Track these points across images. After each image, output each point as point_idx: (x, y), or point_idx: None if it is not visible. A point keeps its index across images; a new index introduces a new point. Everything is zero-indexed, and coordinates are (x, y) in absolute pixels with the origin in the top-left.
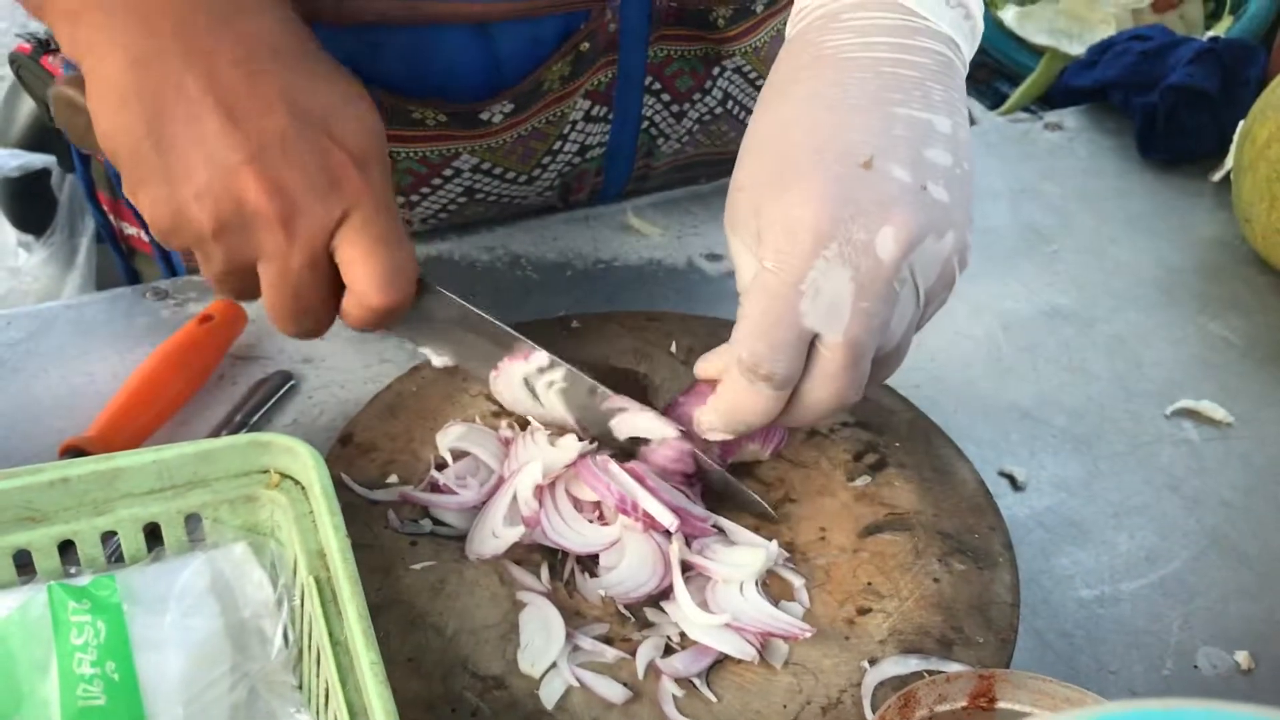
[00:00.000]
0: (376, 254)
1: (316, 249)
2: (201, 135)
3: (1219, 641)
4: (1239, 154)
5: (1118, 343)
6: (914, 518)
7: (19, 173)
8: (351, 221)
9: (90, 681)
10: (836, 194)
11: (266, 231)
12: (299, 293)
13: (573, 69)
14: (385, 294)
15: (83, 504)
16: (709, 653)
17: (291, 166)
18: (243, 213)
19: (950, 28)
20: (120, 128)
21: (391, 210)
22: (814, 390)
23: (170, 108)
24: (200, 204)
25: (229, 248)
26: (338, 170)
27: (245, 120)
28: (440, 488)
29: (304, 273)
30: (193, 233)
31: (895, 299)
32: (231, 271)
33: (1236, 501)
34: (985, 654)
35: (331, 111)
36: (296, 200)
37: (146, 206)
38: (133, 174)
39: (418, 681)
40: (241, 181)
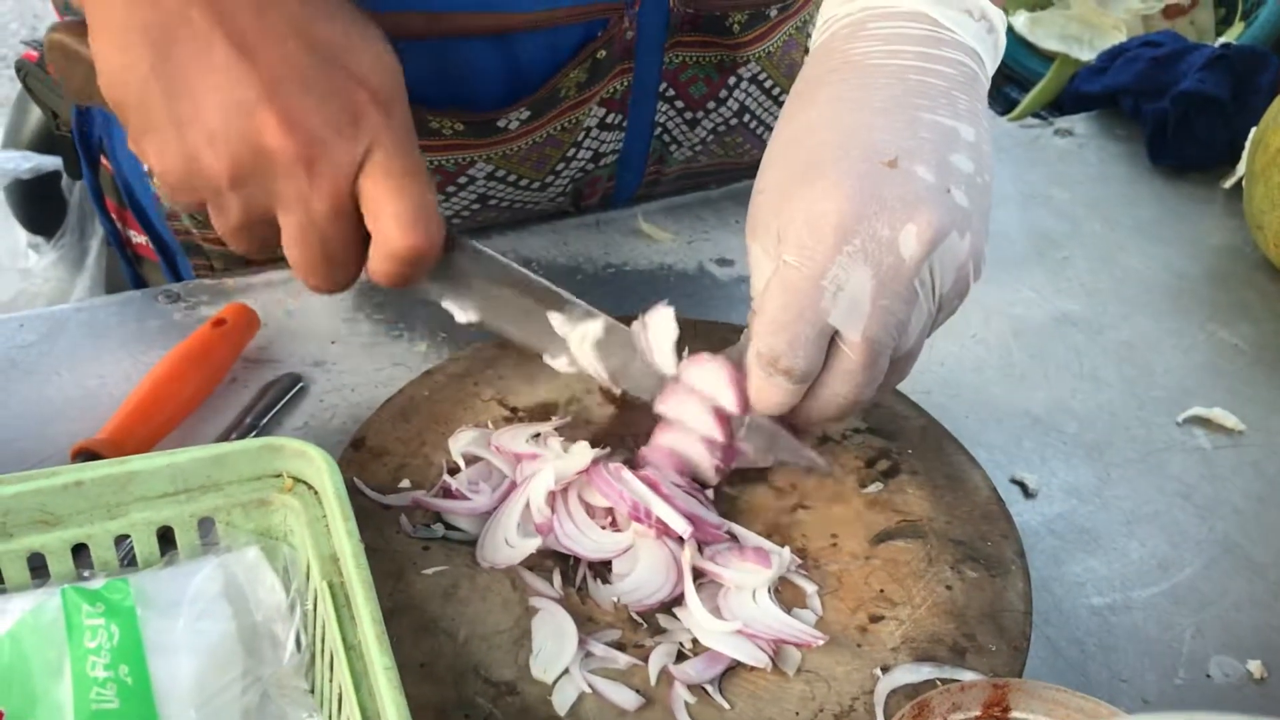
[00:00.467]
0: (402, 192)
1: (340, 191)
2: (211, 72)
3: (1232, 650)
4: (1251, 161)
5: (1128, 349)
6: (926, 525)
7: (30, 175)
8: (374, 160)
9: (103, 685)
10: (861, 190)
11: (287, 175)
12: (324, 240)
13: (589, 76)
14: (412, 235)
15: (96, 507)
16: (722, 659)
17: (310, 102)
18: (261, 155)
19: (975, 40)
20: (124, 69)
21: (413, 148)
22: (831, 386)
23: (177, 45)
24: (214, 149)
25: (247, 196)
26: (358, 106)
27: (258, 54)
28: (453, 493)
29: (329, 218)
30: (207, 182)
31: (915, 299)
32: (249, 223)
33: (1248, 509)
34: (998, 662)
35: (348, 46)
36: (317, 138)
37: (154, 156)
38: (139, 119)
39: (430, 687)
40: (258, 120)
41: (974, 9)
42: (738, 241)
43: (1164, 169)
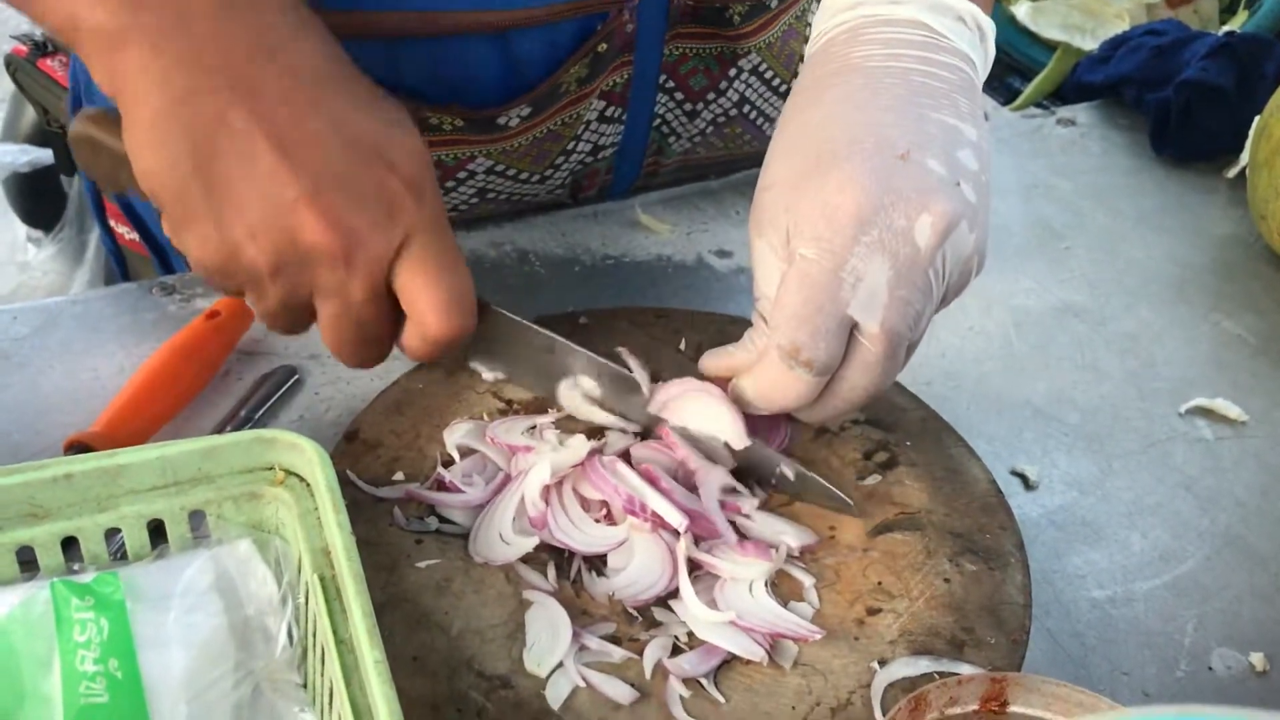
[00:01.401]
0: (438, 282)
1: (377, 281)
2: (253, 172)
3: (1233, 643)
4: (1254, 150)
5: (1130, 340)
6: (925, 517)
7: (28, 168)
8: (410, 250)
9: (93, 679)
10: (877, 181)
11: (326, 267)
12: (361, 325)
13: (590, 71)
14: (447, 322)
15: (86, 500)
16: (717, 653)
17: (349, 199)
18: (300, 250)
19: (968, 48)
20: (163, 166)
21: (448, 234)
22: (851, 378)
23: (217, 144)
24: (255, 243)
25: (285, 285)
26: (394, 199)
27: (297, 154)
28: (446, 485)
29: (365, 306)
30: (247, 273)
31: (930, 289)
32: (287, 309)
33: (1251, 501)
34: (997, 655)
35: (381, 139)
36: (355, 232)
37: (194, 247)
38: (177, 213)
39: (422, 681)
40: (299, 218)
41: (967, 17)
42: (737, 233)
43: (1167, 159)
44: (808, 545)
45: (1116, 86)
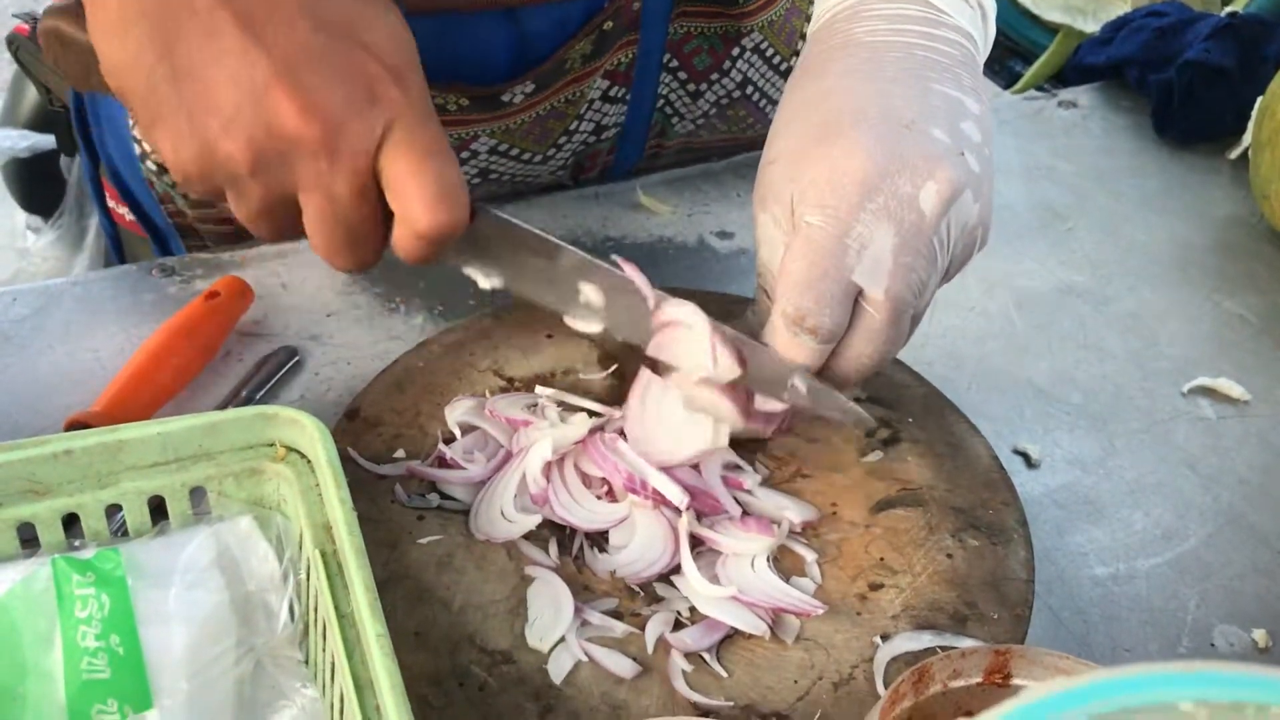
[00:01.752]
0: (425, 170)
1: (361, 171)
2: (219, 55)
3: (1236, 620)
4: (1257, 130)
5: (1133, 320)
6: (927, 493)
7: (28, 154)
8: (394, 137)
9: (94, 654)
10: (883, 148)
11: (307, 159)
12: (348, 222)
13: (595, 48)
14: (437, 213)
15: (86, 476)
16: (719, 627)
17: (324, 82)
18: (279, 140)
19: (969, 25)
20: (128, 56)
21: (433, 121)
22: (855, 346)
23: (182, 30)
24: (231, 136)
25: (267, 181)
26: (374, 83)
27: (266, 35)
28: (448, 462)
29: (351, 199)
30: (225, 171)
31: (934, 258)
32: (270, 207)
33: (1254, 479)
34: (999, 630)
35: (358, 20)
36: (335, 119)
37: (168, 147)
38: (147, 108)
39: (424, 655)
40: (273, 104)
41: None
42: (738, 214)
43: (1169, 140)
44: (810, 520)
45: (1118, 68)
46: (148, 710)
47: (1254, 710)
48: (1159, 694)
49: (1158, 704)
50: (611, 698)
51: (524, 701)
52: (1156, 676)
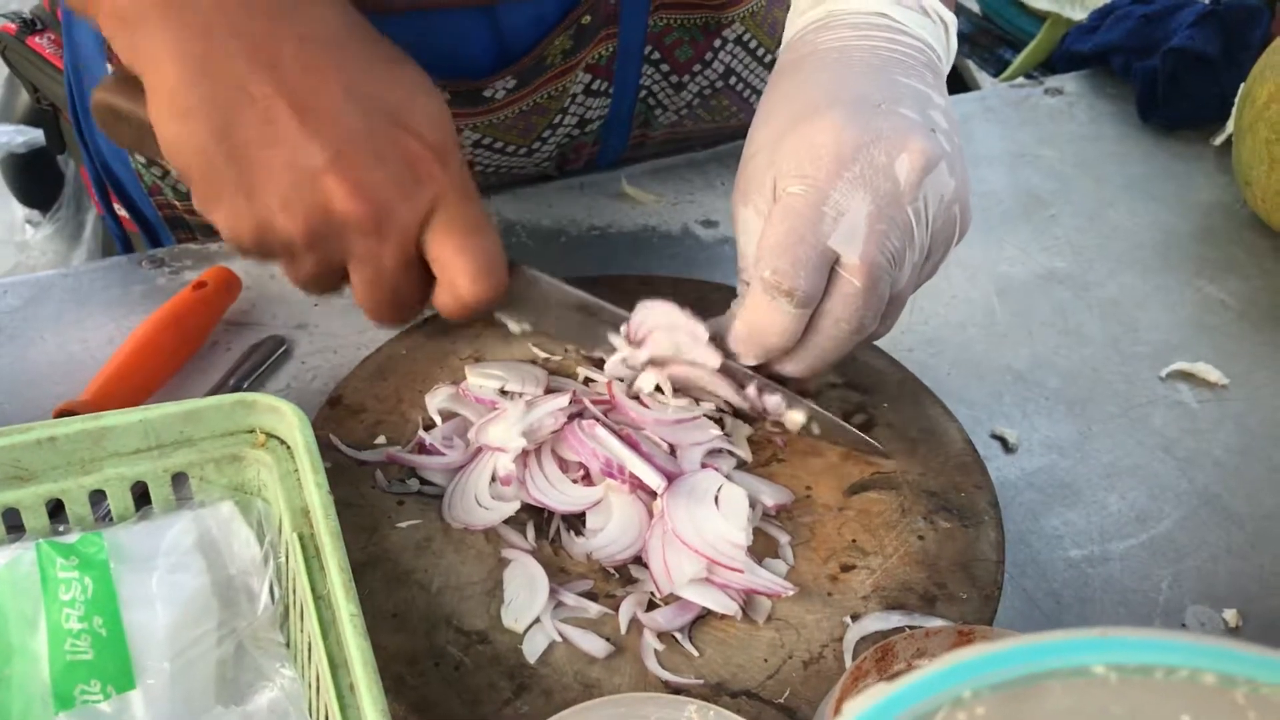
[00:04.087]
0: (467, 247)
1: (408, 247)
2: (276, 140)
3: (1208, 600)
4: (1239, 116)
5: (1113, 306)
6: (900, 476)
7: (25, 149)
8: (439, 215)
9: (78, 636)
10: (857, 122)
11: (358, 236)
12: (395, 289)
13: (575, 43)
14: (479, 286)
15: (70, 463)
16: (692, 608)
17: (374, 165)
18: (332, 220)
19: (931, 38)
20: (186, 139)
21: (475, 198)
22: (833, 311)
23: (240, 115)
24: (287, 215)
25: (320, 254)
26: (419, 164)
27: (319, 122)
28: (427, 448)
29: (398, 270)
30: (281, 244)
31: (910, 229)
32: (321, 275)
33: (1229, 462)
34: (969, 610)
35: (403, 103)
36: (384, 201)
37: (225, 221)
38: (206, 186)
39: (402, 636)
40: (327, 188)
41: (930, 10)
42: (723, 203)
43: (1154, 127)
44: (783, 504)
45: (1105, 55)
46: (130, 690)
47: (1163, 673)
48: (1068, 660)
49: (1070, 668)
50: (584, 676)
51: (499, 680)
52: (1065, 643)
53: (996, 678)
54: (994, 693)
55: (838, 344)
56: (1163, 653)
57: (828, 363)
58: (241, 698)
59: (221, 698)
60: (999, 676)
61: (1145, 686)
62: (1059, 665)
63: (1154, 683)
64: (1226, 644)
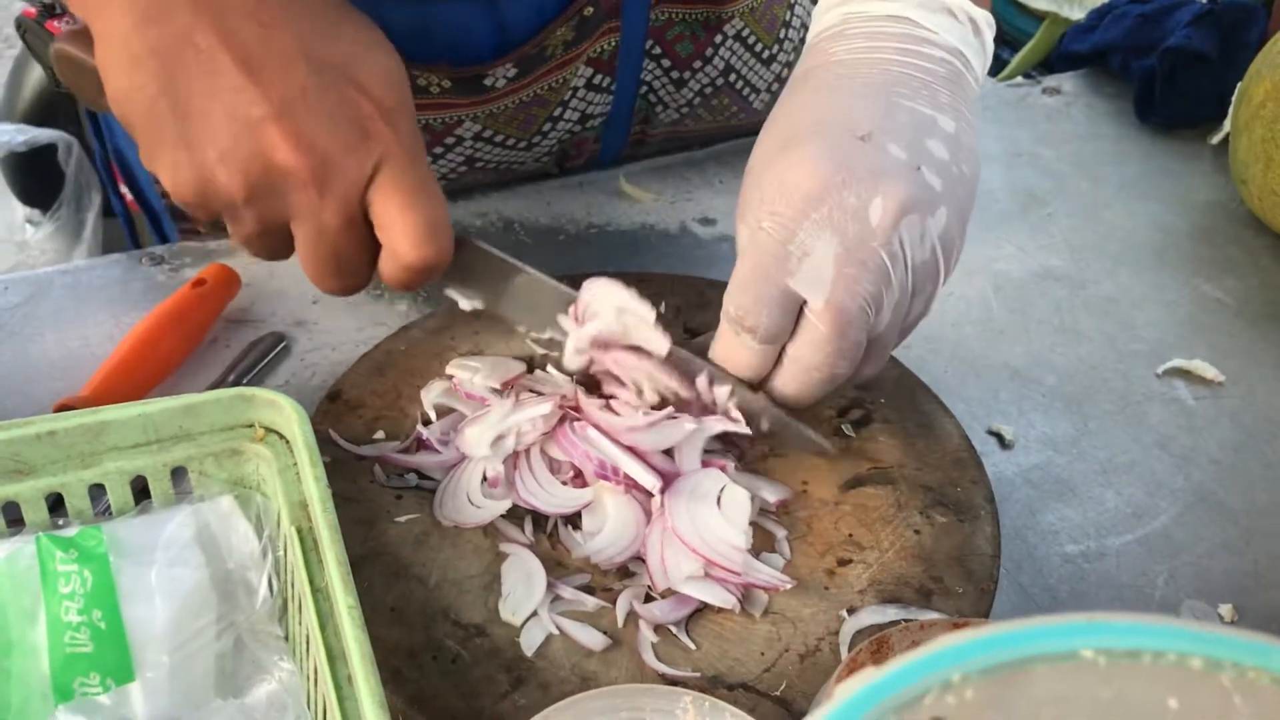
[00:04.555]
0: (412, 208)
1: (351, 205)
2: (219, 92)
3: (1203, 595)
4: (1236, 115)
5: (1110, 304)
6: (896, 471)
7: (26, 148)
8: (384, 174)
9: (77, 629)
10: (831, 159)
11: (299, 191)
12: (337, 251)
13: (576, 34)
14: (422, 250)
15: (70, 457)
16: (689, 602)
17: (318, 120)
18: (272, 173)
19: (959, 42)
20: (133, 89)
21: (422, 161)
22: (799, 355)
23: (184, 65)
24: (227, 168)
25: (260, 210)
26: (366, 121)
27: (264, 74)
28: (425, 443)
29: (340, 230)
30: (221, 199)
31: (885, 273)
32: (264, 232)
33: (1225, 459)
34: (964, 604)
35: (353, 60)
36: (327, 155)
37: (168, 173)
38: (150, 138)
39: (400, 630)
40: (268, 140)
41: (957, 9)
42: (721, 201)
43: (1152, 126)
44: (783, 499)
45: (1103, 55)
46: (130, 683)
47: (1150, 657)
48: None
49: (1059, 653)
50: (581, 669)
51: (496, 673)
52: (1053, 627)
53: (985, 661)
54: (983, 676)
55: (805, 386)
56: (1150, 637)
57: (805, 400)
58: (240, 690)
59: (220, 690)
60: (988, 660)
61: (1133, 670)
62: (1047, 649)
63: (1141, 667)
64: (1212, 628)
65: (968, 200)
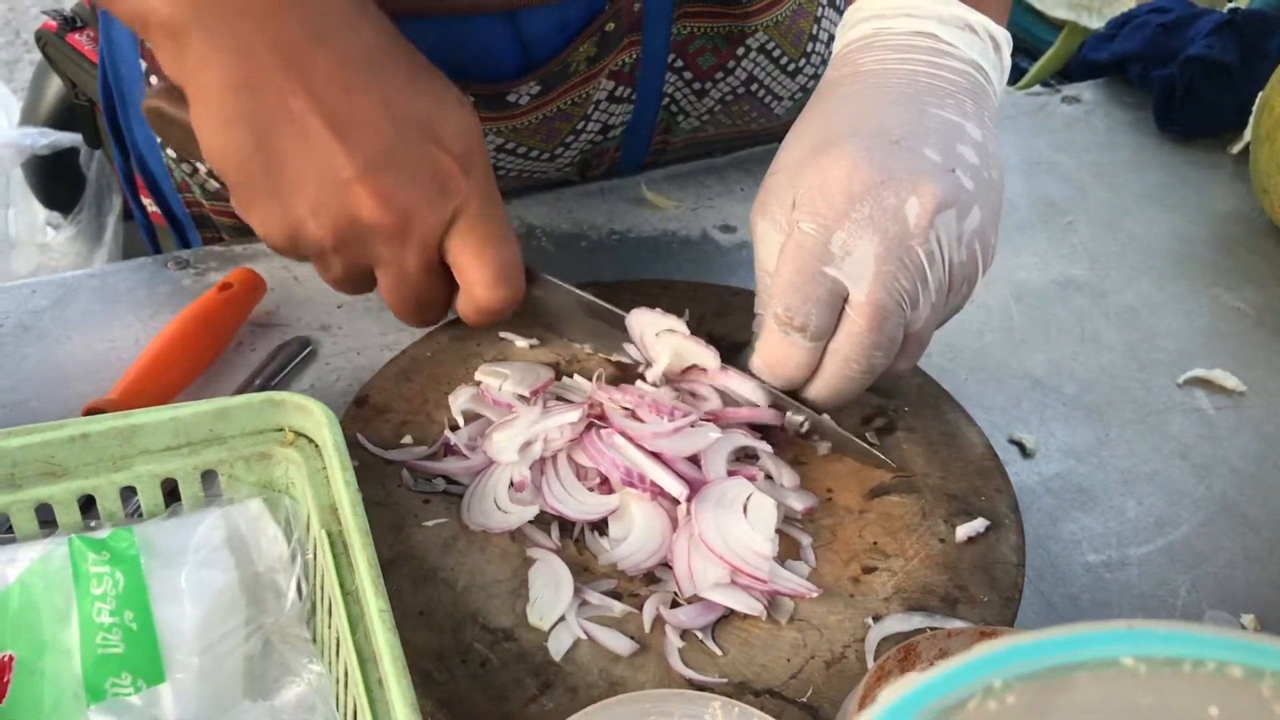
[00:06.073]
0: (485, 255)
1: (430, 253)
2: (310, 153)
3: (1225, 605)
4: (1256, 125)
5: (1130, 313)
6: (921, 480)
7: (48, 151)
8: (460, 223)
9: (109, 630)
10: (870, 161)
11: (382, 242)
12: (418, 293)
13: (598, 50)
14: (496, 292)
15: (102, 460)
16: (715, 608)
17: (400, 177)
18: (358, 227)
19: (980, 57)
20: (227, 148)
21: (497, 207)
22: (841, 349)
23: (276, 127)
24: (317, 220)
25: (347, 258)
26: (444, 175)
27: (350, 135)
28: (452, 448)
29: (420, 275)
30: (312, 248)
31: (922, 270)
32: (350, 278)
33: (1247, 469)
34: (989, 613)
35: (432, 117)
36: (408, 210)
37: (259, 223)
38: (243, 193)
39: (429, 633)
40: (355, 197)
41: (978, 28)
42: (741, 208)
43: (1172, 135)
44: (809, 507)
45: (1122, 64)
46: (160, 684)
47: (1190, 665)
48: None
49: (1100, 659)
50: (609, 674)
51: (524, 677)
52: (1095, 634)
53: (1027, 668)
54: (1024, 683)
55: (850, 380)
56: (1191, 645)
57: (845, 395)
58: (269, 692)
59: (249, 692)
60: (1030, 667)
61: (1173, 678)
62: (1089, 656)
63: (1182, 674)
64: (1253, 638)
65: (998, 203)
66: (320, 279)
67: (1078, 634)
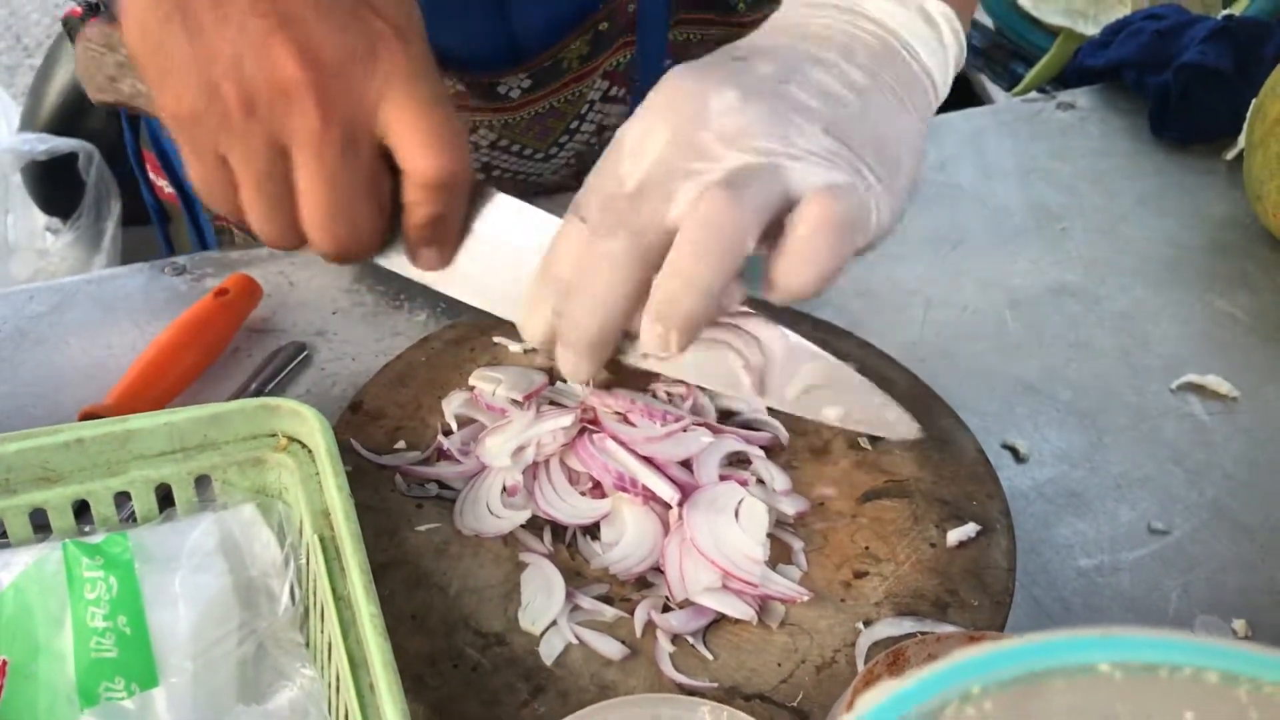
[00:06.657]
0: (426, 117)
1: (355, 125)
2: (231, 12)
3: (1217, 610)
4: (1250, 131)
5: (1124, 319)
6: (913, 485)
7: (47, 156)
8: (395, 89)
9: (103, 634)
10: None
11: (300, 107)
12: (335, 181)
13: (591, 48)
14: (440, 159)
15: (96, 465)
16: (706, 613)
17: (326, 32)
18: (275, 86)
19: (899, 26)
20: (147, 14)
21: (435, 77)
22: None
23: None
24: (228, 79)
25: (259, 131)
26: (376, 36)
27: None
28: (445, 453)
29: (341, 154)
30: (219, 115)
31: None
32: (261, 170)
33: (1239, 474)
34: (980, 617)
35: None
36: (332, 67)
37: (172, 98)
38: (158, 66)
39: (421, 638)
40: (273, 50)
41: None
42: None
43: (1166, 142)
44: (800, 511)
45: (1117, 70)
46: (154, 688)
47: (1167, 671)
48: (1074, 657)
49: (1076, 666)
50: (600, 678)
51: (516, 682)
52: (1071, 641)
53: (1004, 674)
54: (1002, 689)
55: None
56: (1166, 651)
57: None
58: (262, 696)
59: (243, 696)
60: (1006, 673)
61: (1150, 684)
62: (1064, 663)
63: (1158, 680)
64: (1229, 643)
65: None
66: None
67: (1054, 640)
